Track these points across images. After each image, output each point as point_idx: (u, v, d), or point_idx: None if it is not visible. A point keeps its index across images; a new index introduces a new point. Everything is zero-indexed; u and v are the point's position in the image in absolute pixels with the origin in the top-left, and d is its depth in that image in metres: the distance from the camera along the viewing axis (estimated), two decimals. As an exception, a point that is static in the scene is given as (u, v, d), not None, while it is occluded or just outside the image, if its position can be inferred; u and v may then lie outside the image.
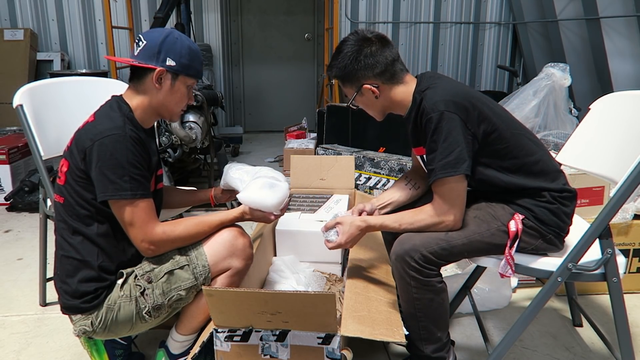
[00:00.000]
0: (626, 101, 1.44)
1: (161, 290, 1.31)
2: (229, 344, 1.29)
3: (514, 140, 1.33)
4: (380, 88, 1.40)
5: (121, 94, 1.37)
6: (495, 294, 1.88)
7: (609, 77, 3.78)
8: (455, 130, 1.27)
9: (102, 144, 1.23)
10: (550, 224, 1.31)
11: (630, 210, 1.90)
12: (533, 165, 1.34)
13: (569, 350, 1.65)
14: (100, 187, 1.24)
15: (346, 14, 5.17)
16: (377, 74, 1.39)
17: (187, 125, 3.01)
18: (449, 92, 1.31)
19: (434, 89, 1.33)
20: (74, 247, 1.30)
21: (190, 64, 1.36)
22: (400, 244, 1.32)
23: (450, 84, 1.35)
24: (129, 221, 1.26)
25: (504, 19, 5.35)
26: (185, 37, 1.39)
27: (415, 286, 1.31)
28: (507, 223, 1.30)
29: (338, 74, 1.42)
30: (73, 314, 1.33)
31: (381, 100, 1.42)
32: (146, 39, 1.34)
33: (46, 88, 1.84)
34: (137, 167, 1.26)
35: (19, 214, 3.03)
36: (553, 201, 1.32)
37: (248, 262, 1.41)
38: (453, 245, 1.29)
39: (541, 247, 1.33)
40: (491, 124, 1.31)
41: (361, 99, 1.44)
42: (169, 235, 1.31)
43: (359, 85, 1.41)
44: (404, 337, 1.24)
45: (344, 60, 1.39)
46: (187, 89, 1.39)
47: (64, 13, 4.86)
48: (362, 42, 1.39)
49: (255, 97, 5.76)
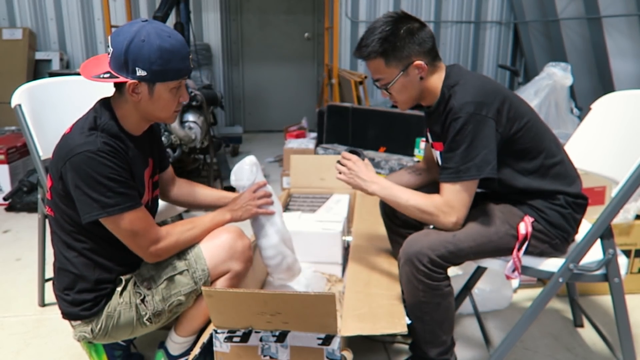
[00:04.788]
0: (628, 101, 1.43)
1: (161, 297, 1.31)
2: (229, 344, 1.28)
3: (537, 140, 1.29)
4: (427, 67, 1.30)
5: (109, 98, 1.30)
6: (496, 294, 1.88)
7: (610, 76, 3.78)
8: (482, 134, 1.21)
9: (74, 163, 1.16)
10: (560, 228, 1.29)
11: (632, 211, 1.89)
12: (552, 168, 1.30)
13: (570, 351, 1.65)
14: (84, 208, 1.18)
15: (346, 13, 5.16)
16: (426, 51, 1.29)
17: (187, 125, 3.00)
18: (480, 91, 1.24)
19: (464, 86, 1.26)
20: (70, 262, 1.28)
21: (164, 68, 1.19)
22: (408, 246, 1.29)
23: (480, 80, 1.29)
24: (130, 232, 1.22)
25: (505, 18, 5.34)
26: (156, 32, 1.18)
27: (423, 290, 1.28)
28: (516, 226, 1.28)
29: (384, 49, 1.27)
30: (73, 320, 1.32)
31: (423, 83, 1.32)
32: (113, 45, 1.19)
33: (45, 88, 1.83)
34: (118, 180, 1.18)
35: (17, 214, 3.02)
36: (566, 206, 1.30)
37: (247, 265, 1.40)
38: (460, 248, 1.27)
39: (547, 252, 1.31)
40: (522, 122, 1.26)
41: (403, 80, 1.30)
42: (172, 235, 1.29)
43: (408, 62, 1.28)
44: (405, 327, 1.23)
45: (392, 34, 1.26)
46: (171, 93, 1.25)
47: (62, 12, 4.85)
48: (402, 19, 1.28)
49: (255, 97, 5.75)
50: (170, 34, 1.21)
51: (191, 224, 1.35)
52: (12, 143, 3.22)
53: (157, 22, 1.23)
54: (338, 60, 4.65)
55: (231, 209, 1.45)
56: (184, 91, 1.29)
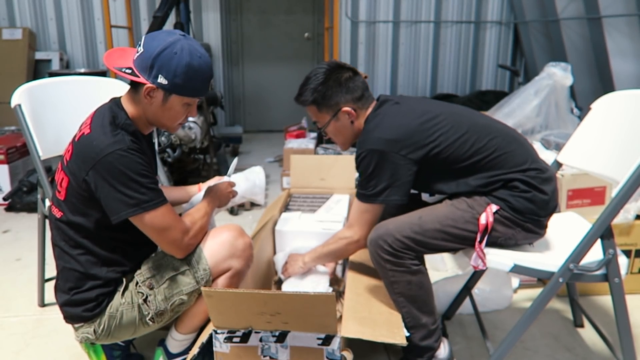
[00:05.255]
0: (628, 101, 1.43)
1: (163, 296, 1.31)
2: (228, 345, 1.28)
3: (457, 146, 1.34)
4: (357, 112, 1.45)
5: (120, 97, 1.33)
6: (496, 294, 1.87)
7: (610, 76, 3.77)
8: (380, 165, 1.33)
9: (107, 163, 1.17)
10: (526, 212, 1.31)
11: (632, 211, 1.88)
12: (488, 162, 1.34)
13: (570, 352, 1.65)
14: (118, 206, 1.19)
15: (346, 13, 5.16)
16: (355, 98, 1.44)
17: (186, 125, 3.00)
18: (386, 129, 1.35)
19: (372, 125, 1.39)
20: (76, 260, 1.28)
21: (185, 84, 1.23)
22: (375, 231, 1.37)
23: (391, 118, 1.38)
24: (162, 228, 1.24)
25: (505, 18, 5.34)
26: (190, 50, 1.22)
27: (390, 269, 1.34)
28: (480, 213, 1.31)
29: (314, 98, 1.44)
30: (76, 322, 1.33)
31: (355, 125, 1.47)
32: (145, 47, 1.23)
33: (45, 88, 1.83)
34: (149, 176, 1.22)
35: (17, 214, 3.02)
36: (527, 189, 1.32)
37: (248, 263, 1.41)
38: (426, 229, 1.32)
39: (520, 237, 1.33)
40: (434, 144, 1.34)
41: (335, 124, 1.47)
42: (196, 223, 1.33)
43: (337, 109, 1.44)
44: (404, 339, 1.24)
45: (322, 84, 1.42)
46: (183, 107, 1.29)
47: (62, 12, 4.85)
48: (337, 69, 1.45)
49: (255, 97, 5.75)
50: (201, 55, 1.25)
51: (200, 211, 1.38)
52: (12, 143, 3.22)
53: (193, 40, 1.27)
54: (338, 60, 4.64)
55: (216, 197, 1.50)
56: (194, 109, 1.34)
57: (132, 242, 1.32)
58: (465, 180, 1.36)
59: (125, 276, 1.33)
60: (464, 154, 1.34)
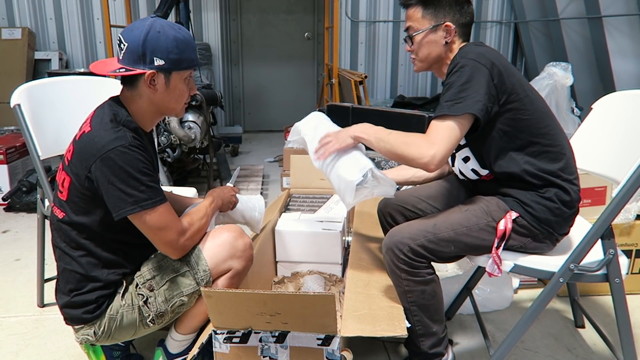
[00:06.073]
0: (629, 100, 1.43)
1: (163, 298, 1.31)
2: (228, 345, 1.28)
3: (536, 119, 1.28)
4: (455, 35, 1.35)
5: (117, 96, 1.32)
6: (496, 294, 1.87)
7: (611, 76, 3.77)
8: (478, 77, 1.22)
9: (108, 159, 1.16)
10: (545, 222, 1.29)
11: (633, 211, 1.88)
12: (555, 154, 1.29)
13: (571, 352, 1.64)
14: (118, 203, 1.18)
15: (346, 13, 5.16)
16: (462, 23, 1.35)
17: (186, 124, 2.99)
18: (486, 51, 1.27)
19: (469, 46, 1.31)
20: (77, 262, 1.28)
21: (181, 56, 1.25)
22: (389, 237, 1.34)
23: (490, 48, 1.32)
24: (159, 227, 1.23)
25: (505, 18, 5.34)
26: (168, 25, 1.26)
27: (405, 278, 1.32)
28: (497, 220, 1.29)
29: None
30: (76, 324, 1.32)
31: (446, 48, 1.36)
32: (127, 40, 1.24)
33: (44, 87, 1.83)
34: (149, 173, 1.21)
35: (16, 214, 3.02)
36: (555, 200, 1.29)
37: (248, 264, 1.40)
38: (440, 238, 1.29)
39: (530, 246, 1.31)
40: (519, 95, 1.26)
41: (430, 36, 1.34)
42: (193, 224, 1.31)
43: (442, 22, 1.33)
44: (405, 330, 1.23)
45: None
46: (185, 82, 1.31)
47: (62, 12, 4.85)
48: None
49: (255, 97, 5.74)
50: (180, 27, 1.28)
51: (200, 212, 1.37)
52: (11, 143, 3.22)
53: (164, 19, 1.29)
54: (338, 60, 4.64)
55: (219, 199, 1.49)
56: (193, 82, 1.35)
57: (134, 243, 1.31)
58: (521, 158, 1.28)
59: (125, 278, 1.32)
60: (538, 130, 1.28)
